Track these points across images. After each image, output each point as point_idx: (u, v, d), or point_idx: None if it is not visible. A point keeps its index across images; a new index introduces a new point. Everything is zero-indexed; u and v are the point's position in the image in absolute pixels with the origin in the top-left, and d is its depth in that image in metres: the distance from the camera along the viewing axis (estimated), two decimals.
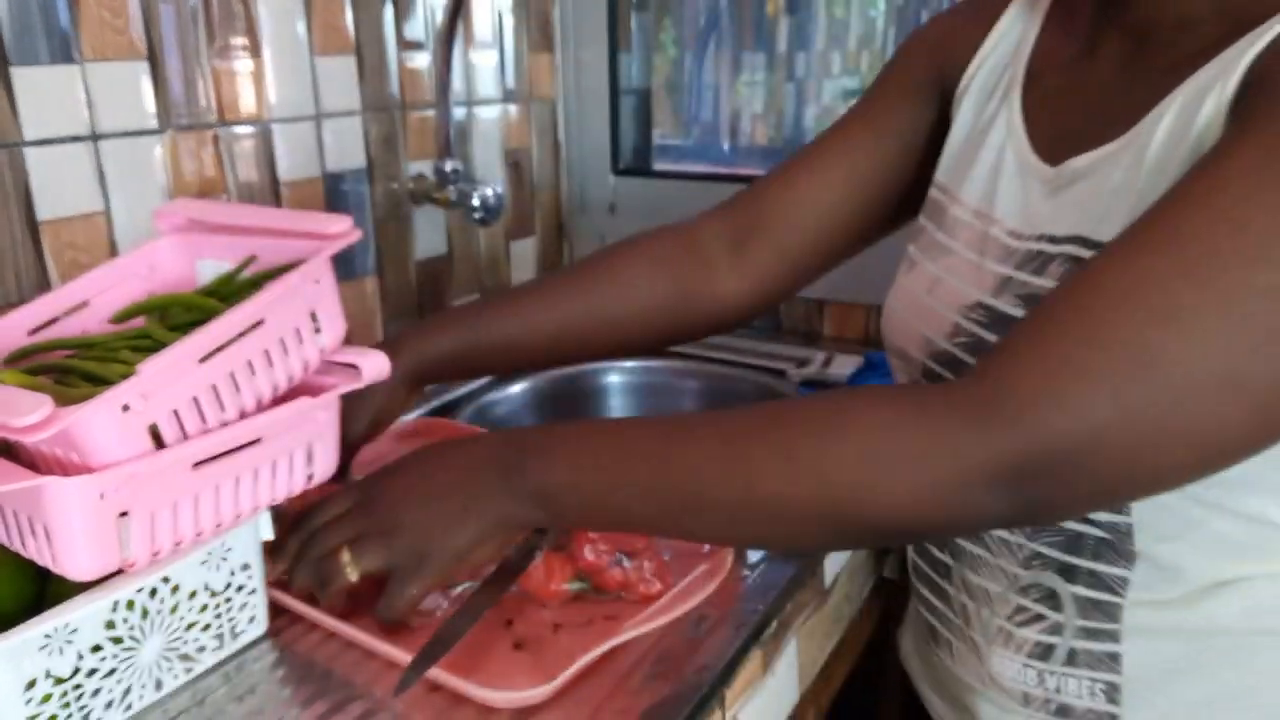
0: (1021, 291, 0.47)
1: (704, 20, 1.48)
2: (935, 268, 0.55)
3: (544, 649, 0.50)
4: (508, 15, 1.04)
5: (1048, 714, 0.50)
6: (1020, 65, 0.53)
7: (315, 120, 0.84)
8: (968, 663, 0.55)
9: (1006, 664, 0.51)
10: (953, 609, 0.55)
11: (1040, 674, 0.50)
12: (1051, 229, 0.47)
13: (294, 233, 0.53)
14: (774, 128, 1.54)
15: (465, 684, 0.47)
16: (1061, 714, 0.50)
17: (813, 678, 0.64)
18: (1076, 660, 0.49)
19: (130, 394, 0.42)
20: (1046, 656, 0.49)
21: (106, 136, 0.68)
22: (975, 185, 0.53)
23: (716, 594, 0.56)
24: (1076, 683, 0.49)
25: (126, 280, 0.55)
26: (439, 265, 1.01)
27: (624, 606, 0.54)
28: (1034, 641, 0.50)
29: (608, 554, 0.53)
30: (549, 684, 0.47)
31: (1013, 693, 0.51)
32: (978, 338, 0.49)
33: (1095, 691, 0.49)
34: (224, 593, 0.50)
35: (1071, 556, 0.47)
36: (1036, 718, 0.51)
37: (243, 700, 0.48)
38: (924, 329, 0.54)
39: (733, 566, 0.58)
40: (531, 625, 0.52)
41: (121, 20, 0.67)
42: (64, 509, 0.41)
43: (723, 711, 0.50)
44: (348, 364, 0.52)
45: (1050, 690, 0.50)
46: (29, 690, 0.42)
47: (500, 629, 0.52)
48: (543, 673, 0.47)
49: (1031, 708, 0.51)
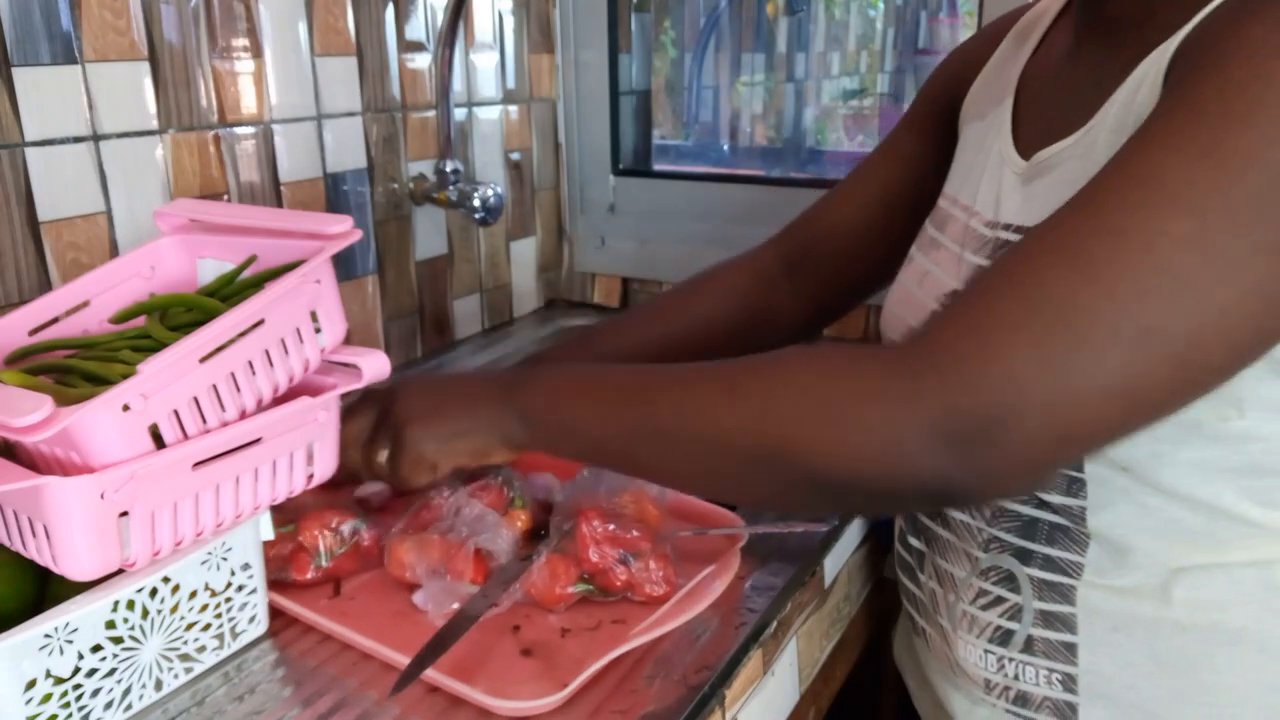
0: None
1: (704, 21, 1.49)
2: (926, 261, 0.57)
3: (553, 655, 0.50)
4: (508, 16, 1.05)
5: (1008, 701, 0.52)
6: (1015, 71, 0.55)
7: (316, 121, 0.84)
8: (939, 650, 0.56)
9: (970, 649, 0.52)
10: (925, 596, 0.57)
11: (1000, 660, 0.51)
12: (1020, 219, 0.49)
13: (295, 233, 0.53)
14: (773, 128, 1.54)
15: (474, 692, 0.47)
16: (1020, 702, 0.51)
17: (812, 678, 0.64)
18: (1034, 648, 0.50)
19: (131, 394, 0.42)
20: (1006, 642, 0.51)
21: (108, 137, 0.68)
22: (966, 184, 0.56)
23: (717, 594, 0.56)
24: (1034, 671, 0.50)
25: (127, 280, 0.55)
26: (439, 265, 1.01)
27: (631, 610, 0.53)
28: (994, 626, 0.51)
29: (612, 554, 0.53)
30: (561, 692, 0.46)
31: (976, 679, 0.53)
32: None
33: (1052, 681, 0.49)
34: (224, 592, 0.51)
35: (1027, 541, 0.48)
36: (998, 705, 0.52)
37: (243, 700, 0.48)
38: (910, 319, 0.55)
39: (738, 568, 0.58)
40: (539, 630, 0.52)
41: (123, 21, 0.68)
42: (64, 509, 0.41)
43: (723, 711, 0.50)
44: (348, 364, 0.52)
45: (1009, 677, 0.51)
46: (29, 690, 0.43)
47: (508, 634, 0.52)
48: (554, 680, 0.47)
49: (993, 695, 0.52)
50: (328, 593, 0.56)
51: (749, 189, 1.09)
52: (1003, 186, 0.51)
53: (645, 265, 1.15)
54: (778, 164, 1.67)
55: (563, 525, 0.56)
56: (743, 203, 1.08)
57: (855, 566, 0.69)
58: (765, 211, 1.06)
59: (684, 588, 0.55)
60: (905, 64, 1.67)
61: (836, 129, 1.66)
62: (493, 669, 0.49)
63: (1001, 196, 0.51)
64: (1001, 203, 0.51)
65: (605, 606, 0.54)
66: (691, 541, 0.59)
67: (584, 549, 0.53)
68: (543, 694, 0.46)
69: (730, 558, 0.57)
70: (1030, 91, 0.54)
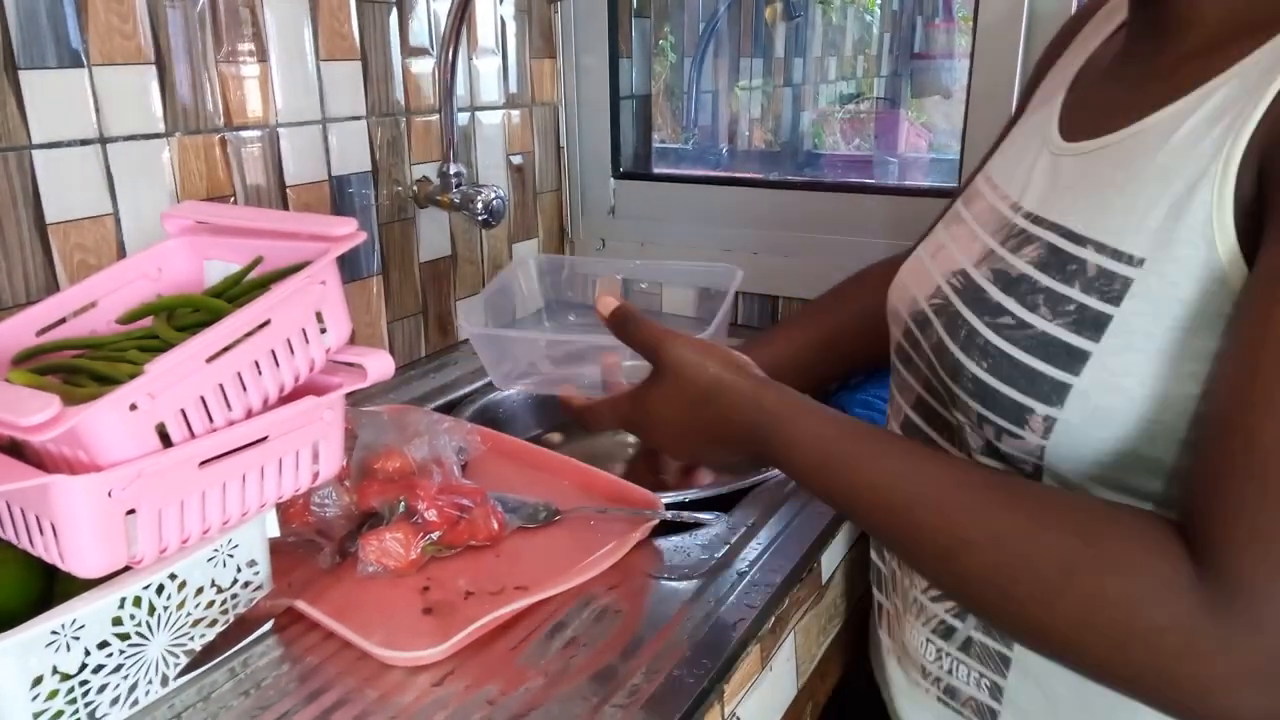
0: (997, 265, 0.48)
1: (703, 27, 1.49)
2: (945, 235, 0.56)
3: (452, 613, 0.54)
4: (510, 22, 1.05)
5: (939, 690, 0.53)
6: (1081, 58, 0.55)
7: (321, 124, 0.85)
8: (890, 627, 0.58)
9: (914, 634, 0.54)
10: (888, 572, 0.59)
11: (939, 651, 0.52)
12: (1042, 209, 0.48)
13: (300, 234, 0.54)
14: (771, 132, 1.55)
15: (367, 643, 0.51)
16: (949, 694, 0.53)
17: (810, 672, 0.64)
18: (971, 649, 0.51)
19: (138, 393, 0.42)
20: (948, 636, 0.52)
21: (114, 140, 0.69)
22: (1004, 163, 0.55)
23: (715, 590, 0.56)
24: (967, 670, 0.51)
25: (134, 281, 0.56)
26: (443, 266, 1.02)
27: (536, 577, 0.57)
28: (940, 619, 0.52)
29: (449, 508, 0.60)
30: (444, 644, 0.50)
31: (915, 662, 0.55)
32: (947, 301, 0.50)
33: (981, 685, 0.51)
34: (230, 589, 0.51)
35: None
36: (931, 691, 0.54)
37: (248, 695, 0.49)
38: (915, 289, 0.55)
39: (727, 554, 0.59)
40: (446, 592, 0.56)
41: (129, 25, 0.68)
42: (72, 507, 0.41)
43: (721, 706, 0.51)
44: (352, 364, 0.53)
45: (943, 670, 0.52)
46: (35, 686, 0.43)
47: (416, 594, 0.56)
48: (442, 635, 0.51)
49: (926, 681, 0.54)
50: (333, 591, 0.57)
51: (747, 192, 1.10)
52: (1035, 168, 0.50)
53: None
54: (776, 167, 1.68)
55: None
56: (741, 205, 1.09)
57: (852, 562, 0.69)
58: (764, 214, 1.07)
59: (585, 560, 0.58)
60: (901, 69, 1.68)
61: (834, 133, 1.67)
62: (394, 623, 0.53)
63: (1031, 179, 0.50)
64: (1029, 186, 0.50)
65: (511, 571, 0.58)
66: (606, 520, 0.64)
67: (422, 512, 0.59)
68: (429, 646, 0.50)
69: (628, 537, 0.61)
70: (1086, 81, 0.53)
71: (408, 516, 0.59)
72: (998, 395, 0.44)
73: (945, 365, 0.48)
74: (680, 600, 0.56)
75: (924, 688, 0.54)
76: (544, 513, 0.65)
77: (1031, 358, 0.43)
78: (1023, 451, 0.44)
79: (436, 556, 0.60)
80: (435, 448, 0.65)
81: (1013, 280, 0.46)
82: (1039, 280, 0.44)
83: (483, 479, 0.67)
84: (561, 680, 0.49)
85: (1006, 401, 0.44)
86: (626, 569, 0.59)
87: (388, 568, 0.57)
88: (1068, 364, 0.41)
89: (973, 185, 0.58)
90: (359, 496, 0.61)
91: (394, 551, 0.57)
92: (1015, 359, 0.43)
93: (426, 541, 0.59)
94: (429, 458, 0.64)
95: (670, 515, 0.63)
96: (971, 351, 0.46)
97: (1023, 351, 0.43)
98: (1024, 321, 0.44)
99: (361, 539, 0.58)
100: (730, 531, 0.63)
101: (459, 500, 0.61)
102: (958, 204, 0.58)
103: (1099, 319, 0.41)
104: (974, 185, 0.57)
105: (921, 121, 1.73)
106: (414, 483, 0.61)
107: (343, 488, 0.61)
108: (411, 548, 0.58)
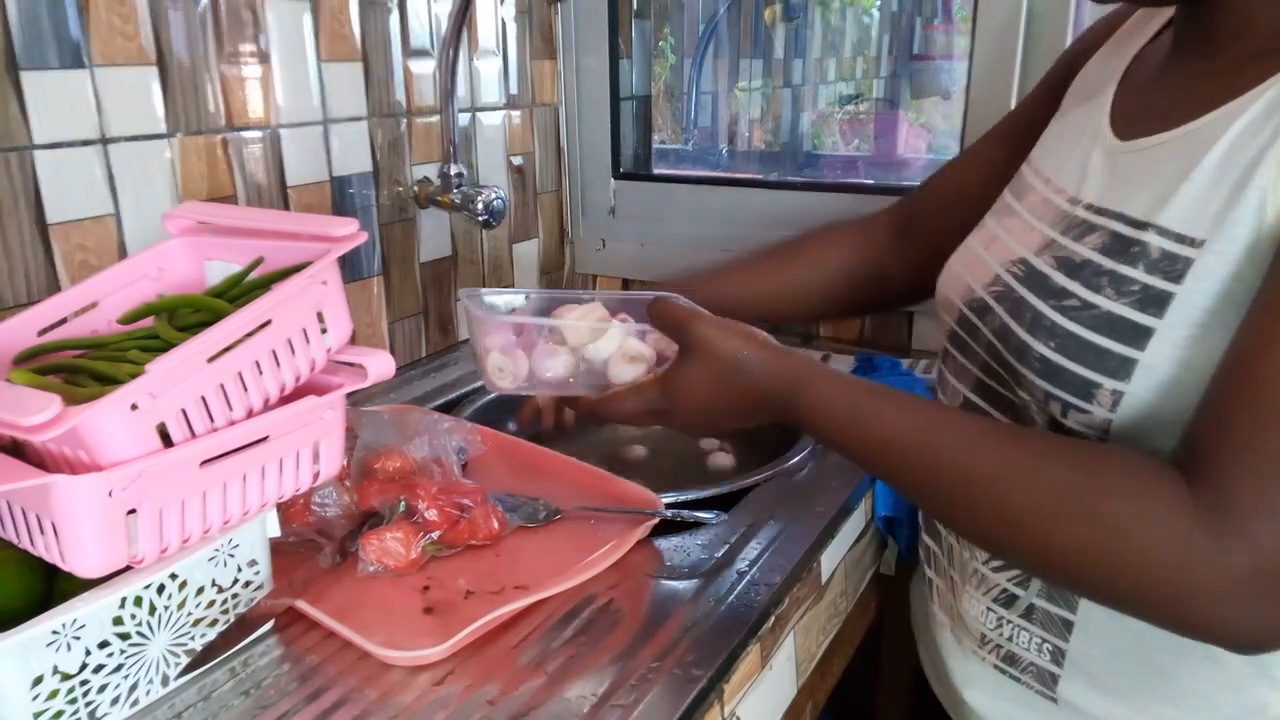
0: (1059, 254, 0.49)
1: (702, 28, 1.50)
2: (998, 227, 0.57)
3: (452, 613, 0.54)
4: (511, 23, 1.06)
5: (997, 659, 0.54)
6: (1128, 56, 0.55)
7: (322, 125, 0.85)
8: (944, 599, 0.59)
9: (974, 604, 0.55)
10: (942, 550, 0.59)
11: (1000, 619, 0.53)
12: (1101, 201, 0.49)
13: (301, 235, 0.54)
14: (771, 132, 1.55)
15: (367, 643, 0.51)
16: (1008, 661, 0.53)
17: (809, 672, 0.64)
18: (1034, 616, 0.51)
19: (139, 393, 0.42)
20: (1009, 604, 0.52)
21: (116, 140, 0.69)
22: (1053, 156, 0.56)
23: (715, 590, 0.57)
24: (1029, 637, 0.52)
25: (136, 281, 0.56)
26: (443, 267, 1.02)
27: (536, 577, 0.57)
28: (1001, 588, 0.53)
29: (449, 508, 0.60)
30: (445, 644, 0.50)
31: (972, 631, 0.55)
32: (1009, 288, 0.51)
33: (1043, 650, 0.51)
34: (231, 589, 0.51)
35: None
36: (988, 660, 0.55)
37: (248, 695, 0.49)
38: (970, 278, 0.56)
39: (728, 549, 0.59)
40: (447, 592, 0.56)
41: (131, 26, 0.68)
42: (72, 507, 0.41)
43: (721, 705, 0.51)
44: (353, 364, 0.53)
45: (1004, 637, 0.53)
46: (36, 686, 0.43)
47: (417, 594, 0.56)
48: (442, 635, 0.51)
49: (984, 649, 0.55)
50: (333, 590, 0.57)
51: (747, 192, 1.10)
52: (1090, 165, 0.51)
53: (645, 267, 1.15)
54: (775, 168, 1.68)
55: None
56: (741, 206, 1.09)
57: (852, 562, 0.69)
58: (763, 214, 1.07)
59: (585, 560, 0.58)
60: (900, 70, 1.68)
61: (833, 133, 1.67)
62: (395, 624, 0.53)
63: (1087, 174, 0.51)
64: (1086, 181, 0.50)
65: (511, 571, 0.58)
66: (606, 520, 0.64)
67: (423, 512, 0.59)
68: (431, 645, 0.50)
69: (628, 537, 0.61)
70: (1136, 77, 0.54)
71: (408, 516, 0.59)
72: (1066, 372, 0.45)
73: (1010, 347, 0.49)
74: (680, 600, 0.56)
75: (980, 656, 0.55)
76: (544, 512, 0.65)
77: (1098, 335, 0.44)
78: (1089, 426, 0.45)
79: (437, 556, 0.60)
80: (435, 447, 0.65)
81: (1076, 265, 0.47)
82: (1102, 264, 0.45)
83: (483, 479, 0.67)
84: (562, 680, 0.49)
85: (1075, 378, 0.45)
86: (626, 569, 0.59)
87: (388, 567, 0.57)
88: (1134, 339, 0.43)
89: (1020, 178, 0.59)
90: (359, 496, 0.61)
91: (394, 551, 0.58)
92: (1082, 337, 0.44)
93: (427, 541, 0.59)
94: (429, 457, 0.64)
95: (670, 515, 0.63)
96: (1038, 333, 0.47)
97: (1089, 330, 0.44)
98: (1089, 302, 0.45)
99: (362, 539, 0.58)
100: (730, 531, 0.64)
101: (459, 500, 0.61)
102: (1006, 196, 0.59)
103: (1162, 296, 0.42)
104: (1022, 178, 0.58)
105: (921, 122, 1.73)
106: (414, 482, 0.61)
107: (343, 487, 0.61)
108: (412, 547, 0.58)
